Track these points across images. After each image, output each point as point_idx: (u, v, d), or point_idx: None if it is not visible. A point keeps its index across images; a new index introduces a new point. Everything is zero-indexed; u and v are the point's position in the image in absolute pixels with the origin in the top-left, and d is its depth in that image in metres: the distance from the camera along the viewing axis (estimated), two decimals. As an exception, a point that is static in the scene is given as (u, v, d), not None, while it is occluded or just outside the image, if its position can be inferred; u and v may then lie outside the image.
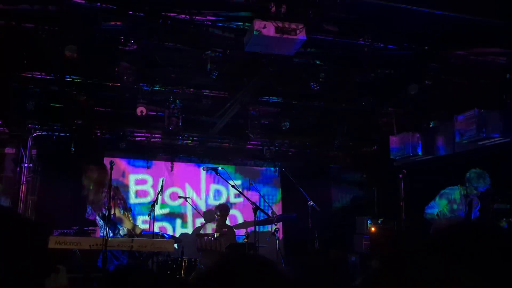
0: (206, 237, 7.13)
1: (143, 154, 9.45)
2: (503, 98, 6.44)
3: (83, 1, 4.92)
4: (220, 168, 6.29)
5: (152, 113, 7.98)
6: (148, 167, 9.53)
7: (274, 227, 6.72)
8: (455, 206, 6.39)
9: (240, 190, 6.60)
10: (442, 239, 0.99)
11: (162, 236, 6.67)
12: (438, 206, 6.52)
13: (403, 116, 8.45)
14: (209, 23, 5.33)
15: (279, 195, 10.22)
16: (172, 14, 5.15)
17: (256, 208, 6.17)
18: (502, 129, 6.38)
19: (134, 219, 9.21)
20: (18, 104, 7.38)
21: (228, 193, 9.91)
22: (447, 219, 6.46)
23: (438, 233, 1.02)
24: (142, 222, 8.70)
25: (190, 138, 9.40)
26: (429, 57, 6.10)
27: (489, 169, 6.97)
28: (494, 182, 7.07)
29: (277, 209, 9.66)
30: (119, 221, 5.64)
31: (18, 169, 8.10)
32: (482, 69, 6.41)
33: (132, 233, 5.63)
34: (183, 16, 5.17)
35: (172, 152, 9.49)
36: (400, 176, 5.99)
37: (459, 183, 6.44)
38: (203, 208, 9.64)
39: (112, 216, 5.11)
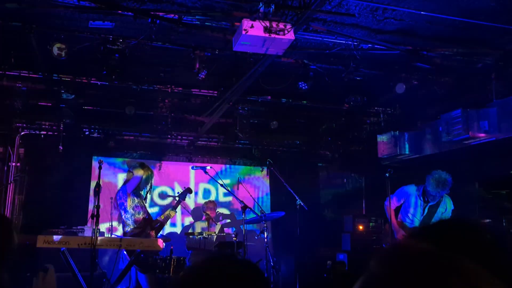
0: (195, 236, 7.14)
1: (132, 153, 9.42)
2: (488, 98, 6.52)
3: (71, 0, 4.91)
4: (208, 167, 6.30)
5: (140, 112, 7.97)
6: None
7: (263, 225, 6.76)
8: (411, 211, 6.02)
9: (229, 189, 6.61)
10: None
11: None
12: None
13: (391, 115, 8.53)
14: (198, 22, 5.34)
15: (267, 194, 10.25)
16: (161, 14, 5.16)
17: (244, 207, 6.20)
18: (487, 128, 6.45)
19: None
20: (5, 103, 7.32)
21: (217, 192, 9.92)
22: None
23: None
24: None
25: (179, 137, 9.39)
26: (415, 57, 6.17)
27: (474, 168, 7.05)
28: (479, 181, 7.16)
29: (266, 207, 9.69)
30: None
31: (5, 168, 8.04)
32: (468, 68, 6.49)
33: None
34: (172, 15, 5.18)
35: (161, 151, 9.48)
36: (387, 175, 6.05)
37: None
38: (191, 207, 9.64)
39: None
